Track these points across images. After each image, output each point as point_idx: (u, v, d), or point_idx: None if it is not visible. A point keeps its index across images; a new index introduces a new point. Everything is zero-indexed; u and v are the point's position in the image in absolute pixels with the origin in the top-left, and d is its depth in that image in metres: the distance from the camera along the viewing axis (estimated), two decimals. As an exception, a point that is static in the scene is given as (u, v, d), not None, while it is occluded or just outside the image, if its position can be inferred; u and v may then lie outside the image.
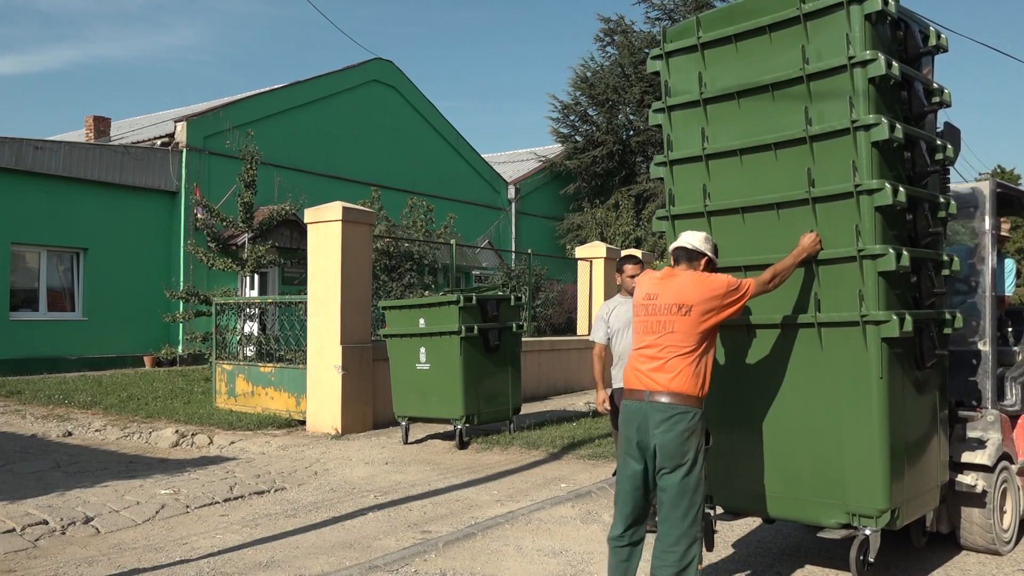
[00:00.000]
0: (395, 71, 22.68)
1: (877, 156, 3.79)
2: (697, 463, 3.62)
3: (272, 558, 4.85)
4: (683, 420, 3.61)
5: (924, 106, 4.11)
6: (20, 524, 5.43)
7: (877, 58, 3.75)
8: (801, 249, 3.90)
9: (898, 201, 3.76)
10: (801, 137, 3.94)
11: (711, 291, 3.72)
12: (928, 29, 4.25)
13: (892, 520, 3.82)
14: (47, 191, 15.45)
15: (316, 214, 9.51)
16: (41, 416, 10.18)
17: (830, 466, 3.94)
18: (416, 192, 18.87)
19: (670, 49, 4.43)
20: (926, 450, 4.19)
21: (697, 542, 3.60)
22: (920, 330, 4.00)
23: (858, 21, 3.80)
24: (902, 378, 3.96)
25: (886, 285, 3.80)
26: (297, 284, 17.07)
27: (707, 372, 3.73)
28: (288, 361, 10.16)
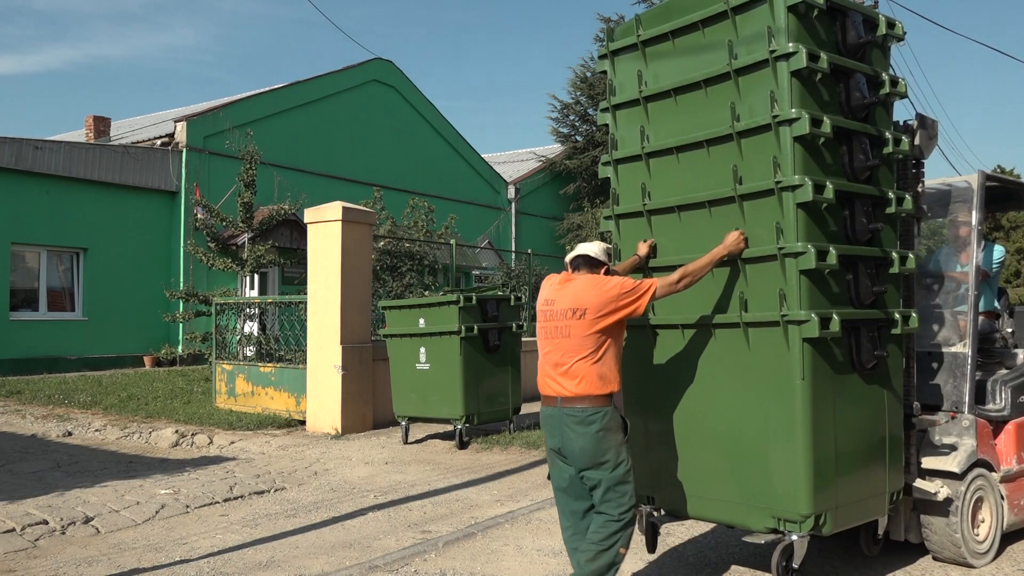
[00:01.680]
0: (395, 71, 22.68)
1: (801, 152, 3.70)
2: (621, 456, 3.74)
3: (272, 558, 4.85)
4: (595, 421, 3.71)
5: (864, 98, 3.96)
6: (20, 524, 5.43)
7: (799, 51, 3.66)
8: (722, 248, 3.87)
9: (824, 198, 3.67)
10: (729, 134, 3.92)
11: (604, 294, 3.76)
12: (878, 18, 4.10)
13: (817, 526, 3.72)
14: (47, 191, 15.45)
15: (316, 214, 9.51)
16: (41, 416, 10.18)
17: (757, 469, 3.87)
18: (416, 192, 18.87)
19: (615, 48, 4.45)
20: (867, 455, 4.01)
21: (625, 527, 3.72)
22: (857, 330, 3.90)
23: (781, 13, 3.73)
24: (834, 380, 3.82)
25: (809, 284, 3.70)
26: (297, 284, 17.08)
27: (614, 369, 3.78)
28: (288, 361, 10.16)
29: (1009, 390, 4.88)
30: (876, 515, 4.16)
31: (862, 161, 3.94)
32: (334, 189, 17.96)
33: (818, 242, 3.72)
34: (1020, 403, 4.91)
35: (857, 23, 3.98)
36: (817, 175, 3.74)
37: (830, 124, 3.73)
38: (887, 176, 4.17)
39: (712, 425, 4.08)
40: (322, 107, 20.39)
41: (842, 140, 3.92)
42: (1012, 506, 4.85)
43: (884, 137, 4.07)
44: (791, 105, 3.71)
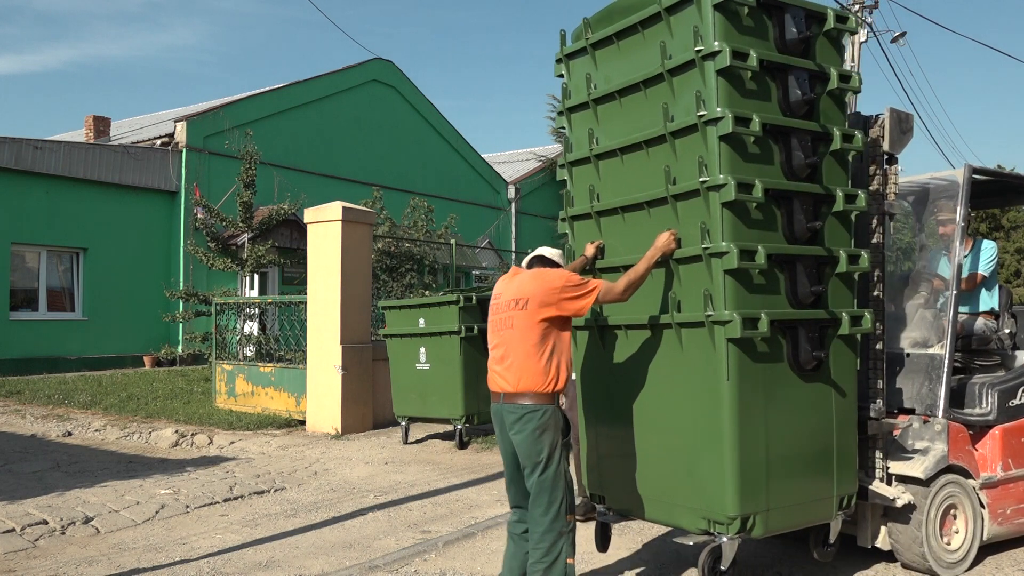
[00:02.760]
0: (395, 71, 22.67)
1: (727, 151, 3.67)
2: (553, 459, 3.68)
3: (272, 558, 4.85)
4: (533, 419, 3.67)
5: (804, 95, 3.88)
6: (20, 524, 5.43)
7: (723, 49, 3.63)
8: (654, 250, 3.86)
9: (752, 197, 3.64)
10: (662, 135, 3.93)
11: (547, 284, 3.73)
12: (825, 12, 4.01)
13: (745, 528, 3.70)
14: (47, 191, 15.44)
15: (316, 214, 9.51)
16: (41, 416, 10.18)
17: (690, 470, 3.87)
18: (416, 192, 18.87)
19: (568, 52, 4.49)
20: (808, 458, 3.93)
21: (565, 536, 3.65)
22: (795, 331, 3.84)
23: (708, 12, 3.71)
24: (766, 381, 3.76)
25: (735, 284, 3.66)
26: (297, 284, 17.07)
27: (557, 368, 3.73)
28: (288, 361, 10.16)
29: (996, 394, 4.72)
30: (821, 519, 4.05)
31: (801, 158, 3.87)
32: (334, 189, 17.94)
33: (746, 241, 3.67)
34: (1009, 407, 4.75)
35: (797, 18, 3.91)
36: (746, 174, 3.70)
37: (759, 122, 3.68)
38: (837, 173, 4.06)
39: (651, 425, 4.10)
40: (322, 107, 20.38)
41: (779, 138, 3.87)
42: (995, 515, 4.67)
43: (830, 133, 3.97)
44: (717, 104, 3.69)
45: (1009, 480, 4.72)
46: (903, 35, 18.44)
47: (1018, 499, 4.80)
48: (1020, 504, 4.82)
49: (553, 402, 3.72)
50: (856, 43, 17.61)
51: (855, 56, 17.56)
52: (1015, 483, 4.76)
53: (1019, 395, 4.81)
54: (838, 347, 4.01)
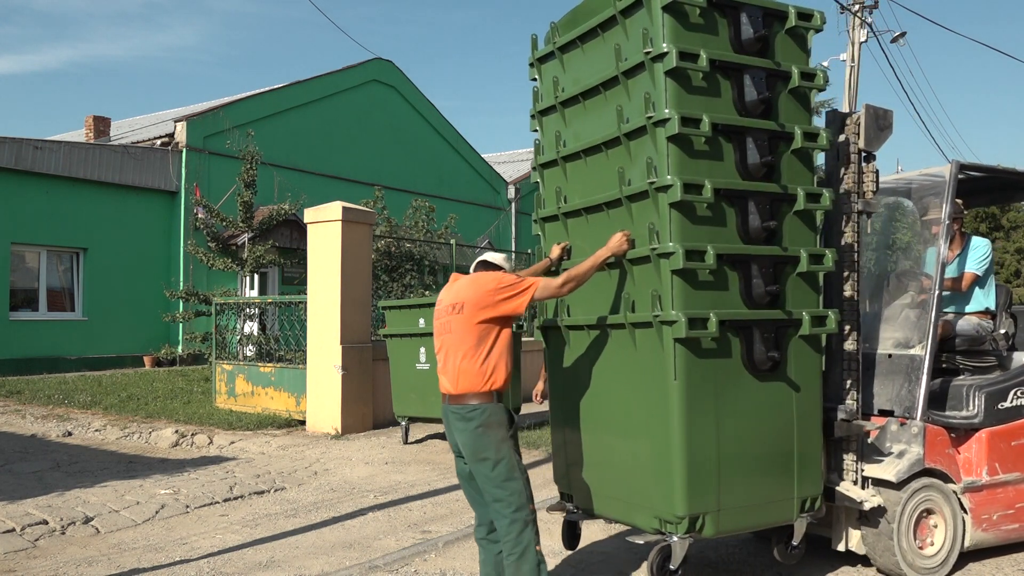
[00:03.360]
0: (395, 71, 22.67)
1: (676, 152, 3.69)
2: (502, 454, 3.75)
3: (272, 558, 4.85)
4: (475, 418, 3.76)
5: (759, 94, 3.86)
6: (20, 524, 5.43)
7: (670, 51, 3.64)
8: (605, 250, 3.90)
9: (701, 198, 3.66)
10: (618, 136, 3.96)
11: (482, 287, 3.82)
12: (786, 11, 3.98)
13: (694, 529, 3.71)
14: (47, 191, 15.44)
15: (316, 214, 9.50)
16: (41, 416, 10.18)
17: (642, 469, 3.89)
18: (416, 192, 18.88)
19: (539, 55, 4.54)
20: (764, 458, 3.90)
21: (529, 525, 3.72)
22: (749, 331, 3.83)
23: (657, 13, 3.72)
24: (717, 381, 3.76)
25: (683, 284, 3.68)
26: (297, 284, 17.07)
27: (498, 367, 3.80)
28: (288, 361, 10.16)
29: (983, 396, 4.61)
30: (782, 521, 4.03)
31: (756, 158, 3.85)
32: (334, 189, 17.94)
33: (696, 242, 3.68)
34: (998, 410, 4.64)
35: (754, 17, 3.89)
36: (697, 174, 3.70)
37: (709, 123, 3.69)
38: (800, 171, 4.03)
39: (609, 425, 4.14)
40: (322, 107, 20.37)
41: (733, 137, 3.86)
42: (979, 521, 4.57)
43: (791, 132, 3.95)
44: (665, 106, 3.70)
45: (996, 485, 4.61)
46: (903, 35, 18.43)
47: (1006, 505, 4.66)
48: (1008, 510, 4.67)
49: (494, 400, 3.80)
50: (856, 43, 17.60)
51: (855, 56, 17.55)
52: (1003, 488, 4.64)
53: (1010, 398, 4.69)
54: (799, 347, 3.98)
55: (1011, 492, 4.67)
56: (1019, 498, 4.70)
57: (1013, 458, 4.67)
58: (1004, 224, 39.43)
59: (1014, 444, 4.68)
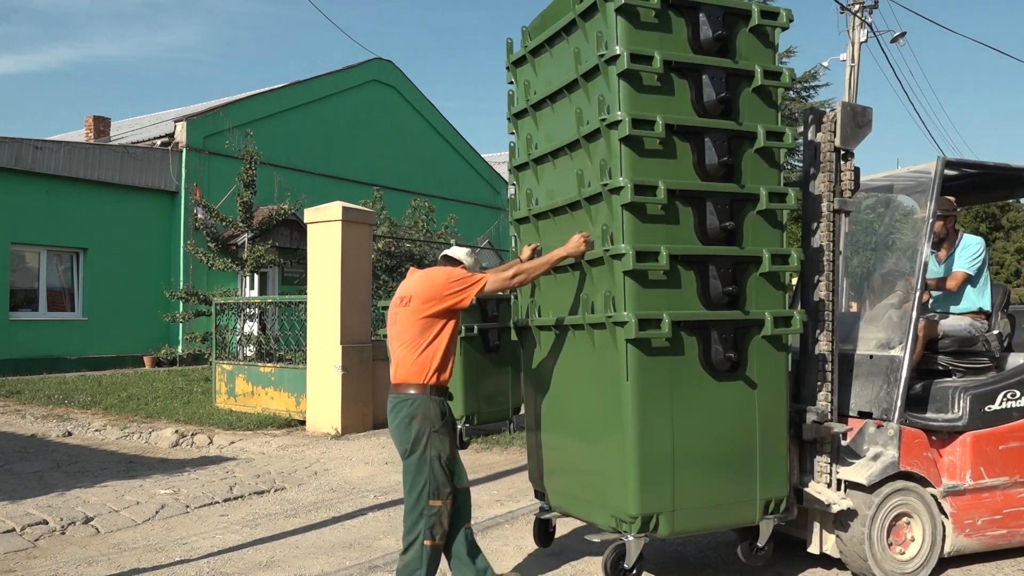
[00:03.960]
0: (395, 71, 22.68)
1: (629, 153, 3.70)
2: (419, 445, 3.84)
3: (272, 558, 4.85)
4: (404, 407, 3.88)
5: (717, 94, 3.84)
6: (20, 524, 5.43)
7: (622, 53, 3.65)
8: (562, 250, 3.95)
9: (655, 199, 3.67)
10: (577, 139, 4.00)
11: (431, 281, 3.93)
12: (749, 10, 3.94)
13: (647, 528, 3.72)
14: (47, 191, 15.45)
15: (316, 214, 9.50)
16: (41, 416, 10.18)
17: (601, 468, 3.91)
18: (416, 192, 18.88)
19: (514, 59, 4.59)
20: (723, 459, 3.87)
21: (424, 519, 3.82)
22: (706, 331, 3.82)
23: (611, 16, 3.74)
24: (673, 381, 3.75)
25: (635, 285, 3.69)
26: (297, 284, 17.08)
27: (437, 360, 3.89)
28: (288, 361, 10.16)
29: (969, 398, 4.50)
30: (742, 522, 4.00)
31: (715, 158, 3.84)
32: (334, 189, 17.94)
33: (650, 243, 3.69)
34: (985, 413, 4.52)
35: (713, 17, 3.88)
36: (652, 176, 3.71)
37: (663, 124, 3.70)
38: (763, 171, 3.99)
39: (573, 424, 4.19)
40: (322, 107, 20.38)
41: (691, 138, 3.84)
42: (961, 526, 4.45)
43: (754, 131, 3.92)
44: (618, 108, 3.71)
45: (981, 490, 4.50)
46: (903, 35, 18.43)
47: (992, 510, 4.53)
48: (995, 516, 4.54)
49: (427, 393, 3.88)
50: (856, 43, 17.59)
51: (855, 56, 17.55)
52: (989, 493, 4.52)
53: (999, 400, 4.56)
54: (762, 348, 3.95)
55: (998, 497, 4.56)
56: (1008, 503, 4.58)
57: (1001, 462, 4.54)
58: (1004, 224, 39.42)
59: (1002, 448, 4.55)
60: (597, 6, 3.83)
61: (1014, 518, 4.60)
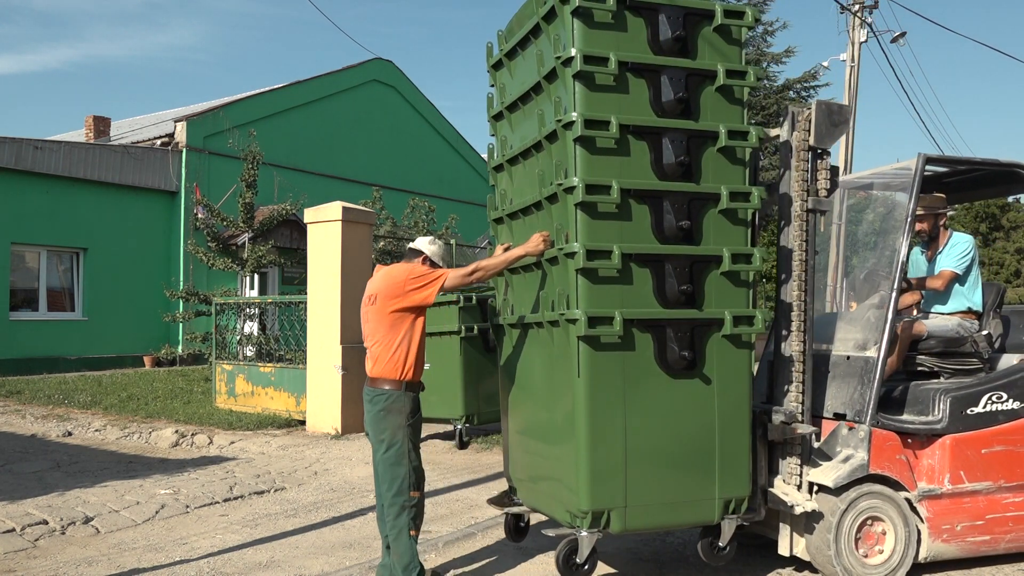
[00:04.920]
0: (395, 71, 22.68)
1: (584, 153, 3.75)
2: (396, 439, 4.01)
3: (272, 558, 4.85)
4: (378, 401, 4.05)
5: (675, 94, 3.86)
6: (20, 524, 5.43)
7: (576, 55, 3.70)
8: (521, 248, 4.04)
9: (610, 198, 3.72)
10: (539, 141, 4.06)
11: (393, 279, 4.08)
12: (712, 9, 3.95)
13: (598, 524, 3.75)
14: (47, 191, 15.45)
15: (316, 214, 9.50)
16: (41, 416, 10.18)
17: (558, 463, 3.97)
18: (416, 192, 18.87)
19: (493, 62, 4.67)
20: (679, 457, 3.89)
21: (407, 510, 3.97)
22: (662, 330, 3.83)
23: (567, 18, 3.78)
24: (626, 379, 3.79)
25: (587, 283, 3.74)
26: (297, 284, 17.06)
27: (411, 356, 4.06)
28: (288, 361, 10.15)
29: (949, 401, 4.40)
30: (701, 521, 4.01)
31: (672, 158, 3.86)
32: (334, 189, 17.94)
33: (604, 242, 3.73)
34: (967, 416, 4.42)
35: (673, 18, 3.90)
36: (608, 175, 3.76)
37: (617, 124, 3.74)
38: (727, 170, 3.99)
39: (535, 420, 4.31)
40: (322, 107, 20.38)
41: (649, 138, 3.87)
42: (938, 531, 4.35)
43: (713, 130, 3.92)
44: (573, 109, 3.76)
45: (961, 494, 4.39)
46: (903, 35, 18.42)
47: (973, 516, 4.42)
48: (976, 521, 4.42)
49: (402, 388, 4.04)
50: (856, 43, 17.59)
51: (855, 56, 17.55)
52: (970, 498, 4.41)
53: (983, 403, 4.46)
54: (722, 347, 3.95)
55: (981, 502, 4.44)
56: (991, 509, 4.45)
57: (984, 466, 4.43)
58: (1004, 224, 39.41)
59: (985, 452, 4.43)
60: (555, 9, 3.88)
61: (998, 524, 4.47)
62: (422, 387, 4.23)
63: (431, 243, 4.37)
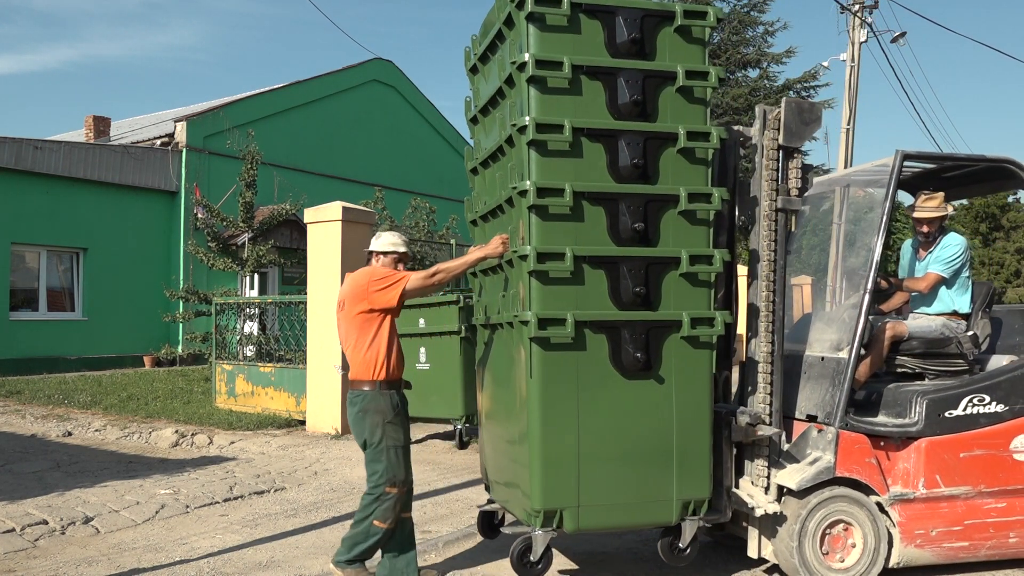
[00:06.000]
0: (395, 71, 22.68)
1: (537, 156, 3.79)
2: (375, 436, 4.16)
3: (272, 558, 4.85)
4: (357, 402, 4.19)
5: (631, 96, 3.88)
6: (20, 524, 5.42)
7: (529, 60, 3.75)
8: (480, 250, 4.15)
9: (563, 201, 3.75)
10: (501, 145, 4.11)
11: (356, 284, 4.20)
12: (672, 11, 3.94)
13: (551, 523, 3.80)
14: (47, 191, 15.44)
15: (316, 214, 9.50)
16: (41, 416, 10.17)
17: (516, 461, 4.03)
18: (416, 192, 18.86)
19: (469, 67, 4.74)
20: (637, 458, 3.90)
21: (378, 501, 4.13)
22: (617, 331, 3.86)
23: (522, 23, 3.83)
24: (580, 380, 3.82)
25: (539, 285, 3.78)
26: (297, 284, 17.07)
27: (381, 356, 4.17)
28: (288, 361, 10.15)
29: (925, 403, 4.29)
30: (658, 521, 4.02)
31: (627, 160, 3.88)
32: (334, 189, 17.93)
33: (558, 244, 3.77)
34: (944, 419, 4.30)
35: (630, 21, 3.91)
36: (562, 178, 3.78)
37: (571, 127, 3.77)
38: (687, 171, 3.99)
39: (498, 419, 4.40)
40: (322, 107, 20.37)
41: (605, 140, 3.89)
42: (911, 536, 4.25)
43: (672, 132, 3.93)
44: (528, 112, 3.80)
45: (937, 499, 4.28)
46: (903, 35, 18.42)
47: (950, 521, 4.30)
48: (954, 527, 4.30)
49: (377, 388, 4.17)
50: (856, 43, 17.59)
51: (855, 56, 17.54)
52: (947, 503, 4.30)
53: (963, 406, 4.33)
54: (681, 348, 3.95)
55: (960, 507, 4.32)
56: (970, 515, 4.33)
57: (962, 471, 4.30)
58: (1004, 224, 39.41)
59: (964, 456, 4.31)
60: (512, 15, 3.91)
61: (979, 530, 4.35)
62: (407, 385, 4.39)
63: (376, 239, 4.44)
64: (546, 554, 3.88)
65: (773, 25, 22.98)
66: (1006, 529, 4.38)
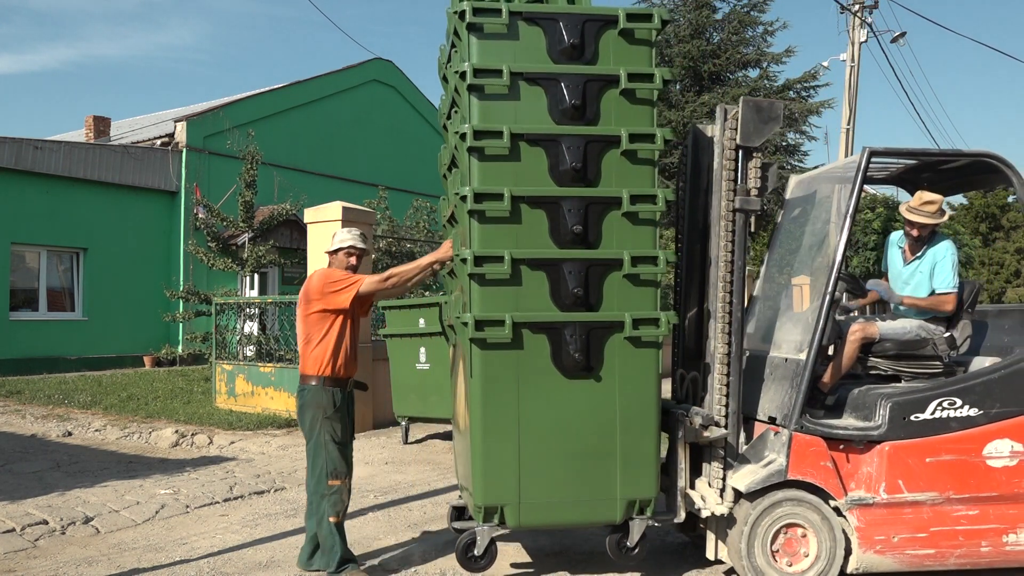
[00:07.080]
0: (395, 71, 22.70)
1: (477, 162, 3.89)
2: (314, 431, 4.29)
3: (272, 558, 4.85)
4: (300, 397, 4.36)
5: (571, 101, 3.92)
6: (20, 524, 5.43)
7: (467, 68, 3.85)
8: (432, 255, 4.37)
9: (502, 206, 3.83)
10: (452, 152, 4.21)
11: (313, 285, 4.34)
12: (615, 15, 3.97)
13: (491, 519, 3.93)
14: (47, 191, 15.44)
15: (316, 214, 9.51)
16: (41, 416, 10.18)
17: (466, 458, 4.14)
18: (417, 192, 18.86)
19: (442, 74, 4.75)
20: (578, 457, 3.94)
21: (326, 498, 4.23)
22: (558, 332, 3.90)
23: (463, 32, 3.93)
24: (521, 379, 3.89)
25: (479, 287, 3.87)
26: (297, 284, 17.06)
27: (328, 353, 4.28)
28: (288, 361, 10.15)
29: (890, 407, 4.14)
30: (602, 520, 4.05)
31: (567, 163, 3.93)
32: (334, 189, 17.95)
33: (498, 247, 3.85)
34: (910, 423, 4.13)
35: (570, 26, 3.96)
36: (503, 183, 3.88)
37: (509, 133, 3.85)
38: (632, 173, 4.00)
39: (457, 417, 4.53)
40: (322, 107, 20.39)
41: (546, 144, 3.95)
42: (870, 542, 4.11)
43: (614, 134, 3.96)
44: (468, 119, 3.90)
45: (899, 504, 4.12)
46: (903, 35, 18.42)
47: (914, 527, 4.13)
48: (918, 533, 4.13)
49: (320, 384, 4.29)
50: (856, 43, 17.59)
51: (855, 56, 17.55)
52: (911, 508, 4.13)
53: (931, 409, 4.15)
54: (624, 349, 3.98)
55: (924, 514, 4.14)
56: (937, 521, 4.15)
57: (928, 476, 4.13)
58: (1004, 224, 39.38)
59: (930, 461, 4.13)
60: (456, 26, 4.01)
61: (947, 538, 4.15)
62: (361, 386, 4.59)
63: (346, 241, 4.52)
64: (490, 548, 4.01)
65: (773, 25, 23.00)
66: (977, 537, 4.19)
